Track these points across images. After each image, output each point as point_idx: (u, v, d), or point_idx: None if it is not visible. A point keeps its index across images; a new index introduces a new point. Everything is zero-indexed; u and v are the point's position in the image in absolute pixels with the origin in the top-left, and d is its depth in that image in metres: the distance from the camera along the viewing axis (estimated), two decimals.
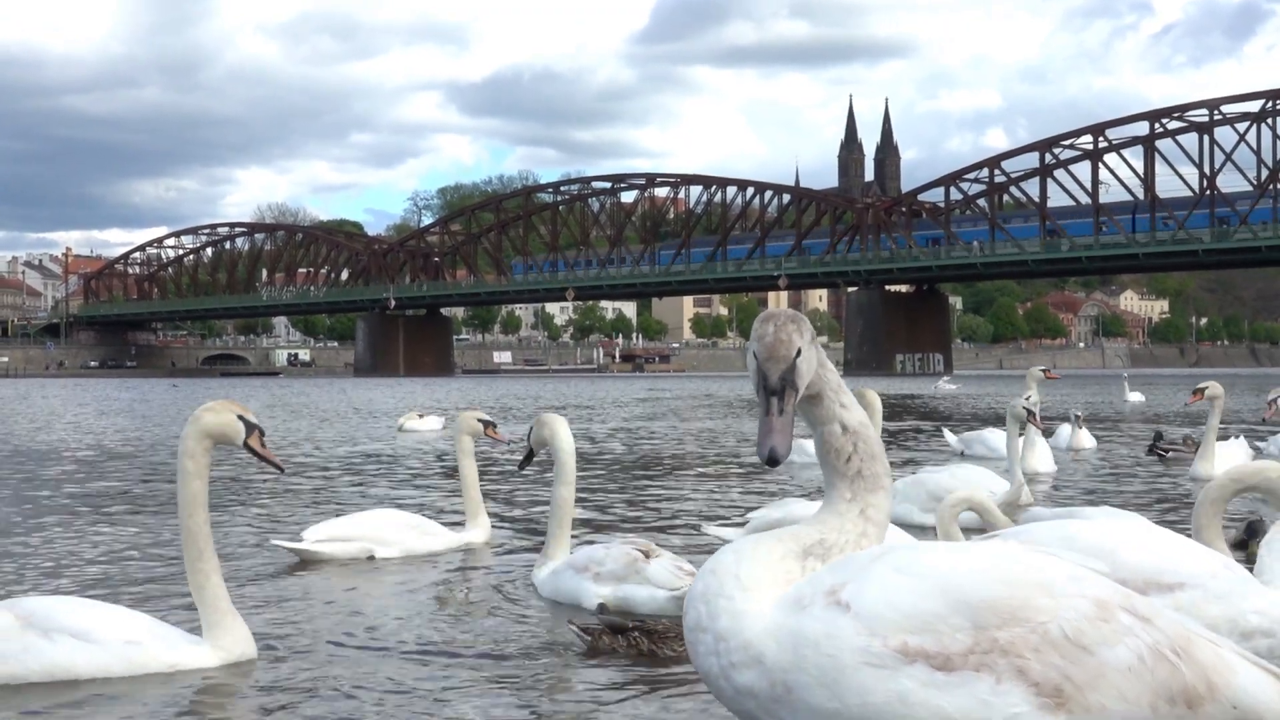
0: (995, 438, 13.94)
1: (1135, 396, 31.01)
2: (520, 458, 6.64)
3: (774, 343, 2.69)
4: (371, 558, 7.10)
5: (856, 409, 2.79)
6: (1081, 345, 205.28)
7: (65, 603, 4.62)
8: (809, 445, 11.72)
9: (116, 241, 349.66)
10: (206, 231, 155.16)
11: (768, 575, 2.65)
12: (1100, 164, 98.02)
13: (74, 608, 4.54)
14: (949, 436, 15.67)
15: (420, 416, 21.87)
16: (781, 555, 2.68)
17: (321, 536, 7.11)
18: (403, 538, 7.24)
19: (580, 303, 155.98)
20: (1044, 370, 14.48)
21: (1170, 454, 13.74)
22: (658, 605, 5.37)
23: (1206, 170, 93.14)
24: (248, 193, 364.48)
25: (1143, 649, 2.45)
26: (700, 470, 13.12)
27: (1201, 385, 11.99)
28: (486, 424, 7.64)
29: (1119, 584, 2.65)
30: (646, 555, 5.57)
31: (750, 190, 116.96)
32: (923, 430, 20.40)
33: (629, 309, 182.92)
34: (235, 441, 4.49)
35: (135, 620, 4.54)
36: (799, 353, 2.70)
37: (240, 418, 4.47)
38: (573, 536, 6.30)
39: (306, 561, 7.01)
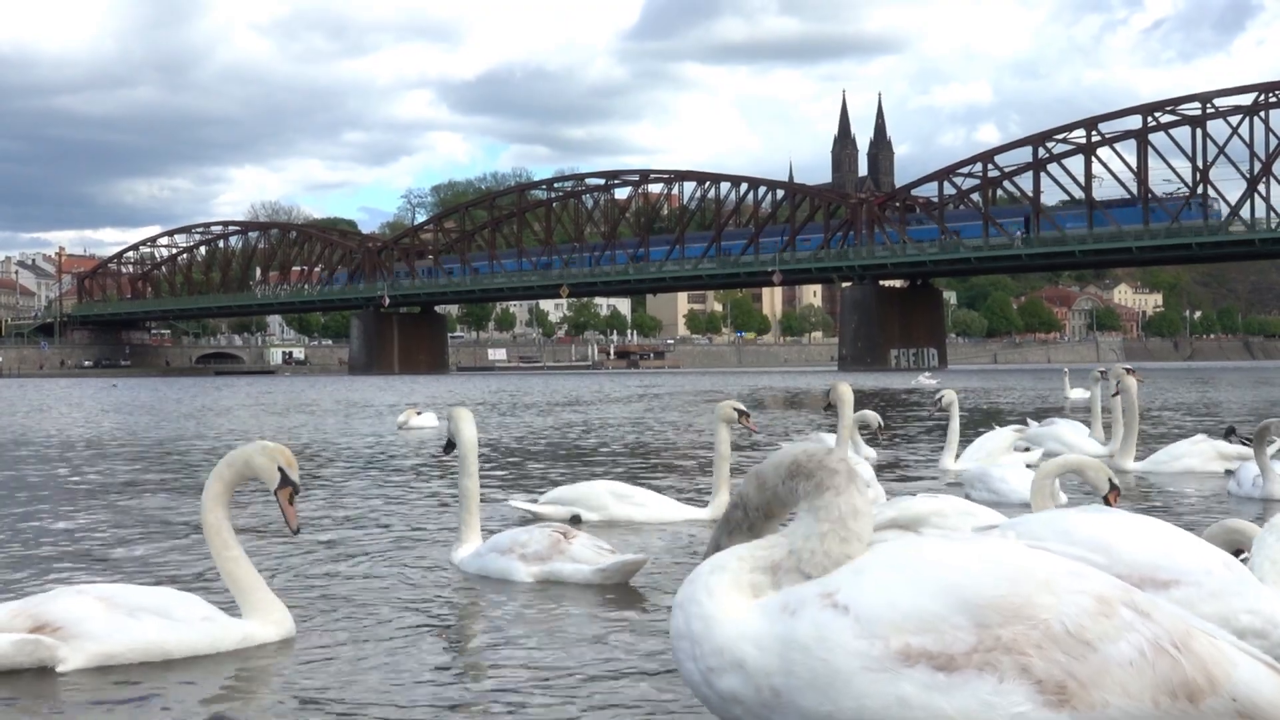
0: (1070, 432, 13.63)
1: (1077, 393, 29.36)
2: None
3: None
4: (577, 519, 8.09)
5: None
6: (1075, 339, 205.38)
7: (130, 586, 4.82)
8: (829, 439, 11.87)
9: (110, 241, 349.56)
10: (200, 230, 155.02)
11: (735, 585, 2.70)
12: (1093, 158, 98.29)
13: (142, 590, 4.75)
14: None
15: (419, 414, 21.94)
16: (751, 568, 2.72)
17: (548, 500, 8.45)
18: (608, 504, 8.29)
19: (575, 299, 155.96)
20: (1102, 371, 14.25)
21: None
22: (584, 578, 5.98)
23: (1199, 164, 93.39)
24: (241, 191, 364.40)
25: (1144, 644, 2.46)
26: (693, 463, 13.18)
27: (1117, 379, 12.40)
28: (741, 413, 8.34)
29: (1116, 579, 2.70)
30: (565, 537, 6.15)
31: (744, 186, 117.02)
32: (936, 427, 20.44)
33: (623, 305, 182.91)
34: (267, 485, 4.81)
35: (194, 599, 4.75)
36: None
37: (281, 470, 4.76)
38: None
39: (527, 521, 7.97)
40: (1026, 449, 12.72)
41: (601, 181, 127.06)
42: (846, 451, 8.88)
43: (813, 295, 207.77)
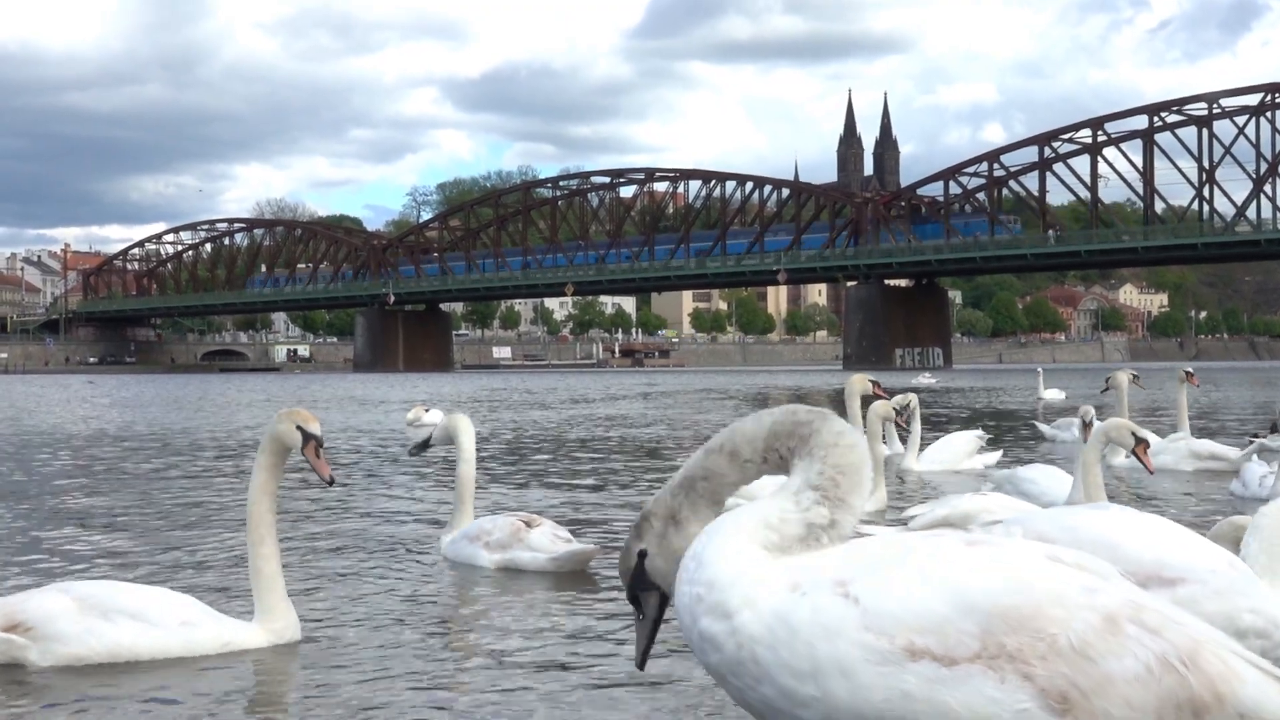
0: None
1: (1051, 394, 29.51)
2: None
3: (619, 561, 2.89)
4: None
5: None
6: (1080, 339, 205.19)
7: (117, 585, 4.81)
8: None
9: (116, 238, 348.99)
10: (205, 227, 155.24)
11: (764, 536, 2.69)
12: (1099, 158, 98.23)
13: (127, 590, 4.74)
14: (1045, 429, 16.49)
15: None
16: (785, 529, 2.73)
17: None
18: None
19: (579, 298, 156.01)
20: (1188, 372, 14.02)
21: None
22: (539, 566, 6.33)
23: (1205, 164, 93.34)
24: (247, 189, 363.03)
25: (1150, 659, 2.47)
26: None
27: (1108, 375, 13.09)
28: (874, 383, 9.11)
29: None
30: (529, 525, 6.47)
31: (749, 184, 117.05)
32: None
33: (628, 304, 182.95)
34: (294, 449, 4.75)
35: (185, 601, 4.74)
36: (642, 555, 2.84)
37: (300, 428, 4.72)
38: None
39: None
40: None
41: (607, 180, 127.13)
42: None
43: (818, 294, 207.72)
